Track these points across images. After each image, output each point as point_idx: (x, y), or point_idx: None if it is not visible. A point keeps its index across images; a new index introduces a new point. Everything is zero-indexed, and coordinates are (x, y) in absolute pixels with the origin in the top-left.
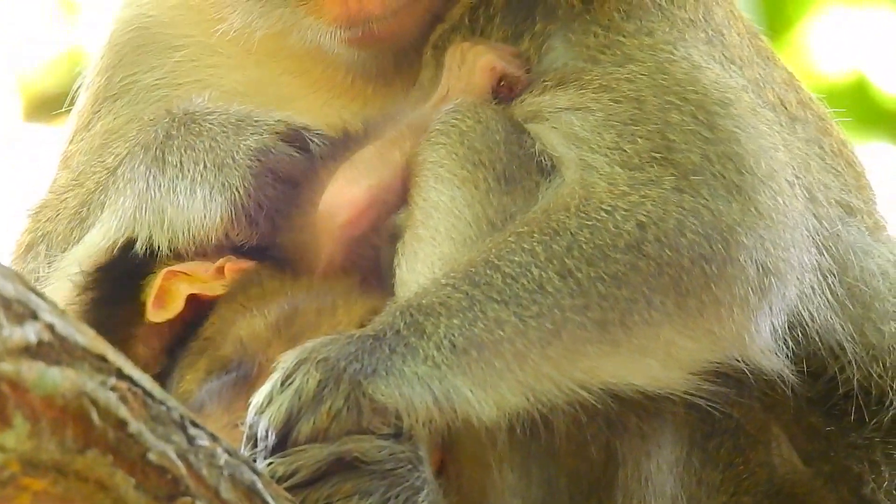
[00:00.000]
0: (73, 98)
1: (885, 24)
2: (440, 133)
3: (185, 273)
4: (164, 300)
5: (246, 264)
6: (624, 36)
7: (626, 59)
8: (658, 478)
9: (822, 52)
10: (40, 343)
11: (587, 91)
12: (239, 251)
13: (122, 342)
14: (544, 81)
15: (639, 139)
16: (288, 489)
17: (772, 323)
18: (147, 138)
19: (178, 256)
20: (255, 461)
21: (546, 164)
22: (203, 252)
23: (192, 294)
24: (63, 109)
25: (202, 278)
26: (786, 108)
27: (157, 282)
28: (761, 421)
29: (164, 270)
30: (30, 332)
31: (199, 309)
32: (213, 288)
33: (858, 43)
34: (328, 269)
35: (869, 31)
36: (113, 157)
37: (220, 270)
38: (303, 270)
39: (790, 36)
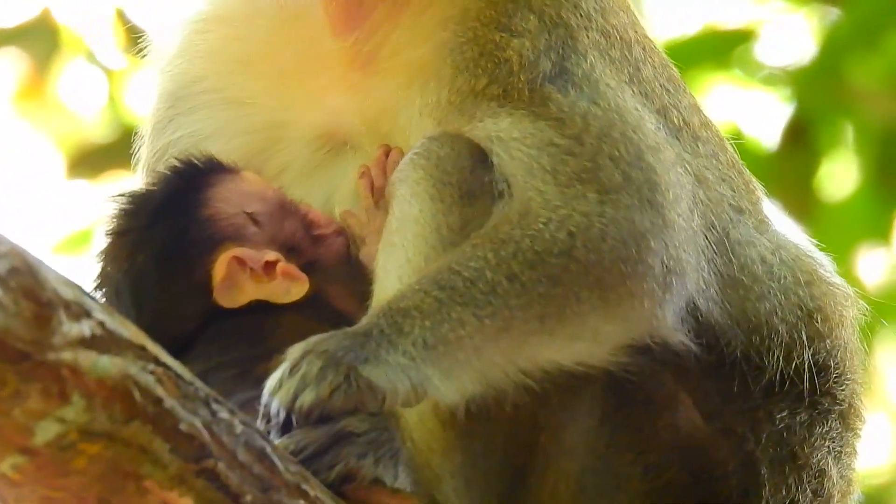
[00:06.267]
0: (114, 153)
1: (759, 99)
2: (421, 156)
3: (245, 261)
4: (231, 290)
5: (298, 273)
6: (595, 70)
7: (593, 93)
8: (571, 441)
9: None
10: (93, 336)
11: (540, 122)
12: (294, 255)
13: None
14: (510, 93)
15: (571, 164)
16: (299, 462)
17: (674, 309)
18: None
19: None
20: (269, 434)
21: (500, 185)
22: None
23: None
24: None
25: (260, 278)
26: (689, 129)
27: (221, 265)
28: (670, 389)
29: (229, 255)
30: (85, 328)
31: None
32: (278, 295)
33: (738, 109)
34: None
35: (747, 103)
36: None
37: (272, 265)
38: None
39: None
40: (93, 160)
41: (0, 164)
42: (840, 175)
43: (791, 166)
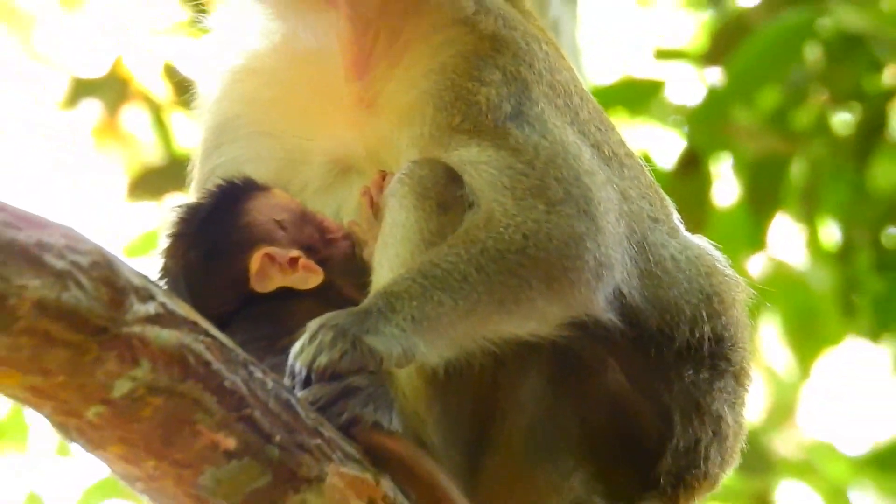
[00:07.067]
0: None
1: (664, 133)
2: (406, 176)
3: (275, 257)
4: (263, 280)
5: (315, 266)
6: (544, 113)
7: (542, 130)
8: (523, 397)
9: None
10: (157, 314)
11: (501, 151)
12: (312, 254)
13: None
14: (478, 128)
15: (525, 183)
16: (316, 410)
17: (604, 294)
18: None
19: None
20: (293, 388)
21: (470, 198)
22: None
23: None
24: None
25: (286, 270)
26: (617, 158)
27: (256, 261)
28: (601, 356)
29: (262, 253)
30: (150, 308)
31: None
32: (300, 283)
33: (649, 141)
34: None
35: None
36: None
37: (295, 260)
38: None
39: None
40: (151, 183)
41: (79, 188)
42: (728, 194)
43: (687, 187)
